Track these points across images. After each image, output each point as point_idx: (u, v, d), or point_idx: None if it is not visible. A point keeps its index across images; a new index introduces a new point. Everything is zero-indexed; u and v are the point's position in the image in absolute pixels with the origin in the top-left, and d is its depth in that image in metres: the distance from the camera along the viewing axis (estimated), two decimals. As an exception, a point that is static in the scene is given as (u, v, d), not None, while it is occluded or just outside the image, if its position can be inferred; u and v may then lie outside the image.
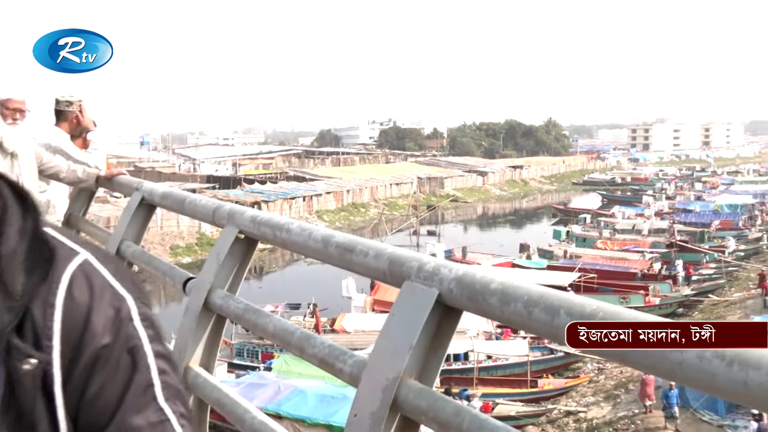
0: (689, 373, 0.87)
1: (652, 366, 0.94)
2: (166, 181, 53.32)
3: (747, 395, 0.80)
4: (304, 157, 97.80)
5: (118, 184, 3.40)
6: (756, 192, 59.53)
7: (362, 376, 1.38)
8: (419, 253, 1.43)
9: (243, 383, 15.68)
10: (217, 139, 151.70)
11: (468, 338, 20.03)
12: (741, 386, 0.81)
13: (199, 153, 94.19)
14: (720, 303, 27.45)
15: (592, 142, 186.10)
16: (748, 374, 0.80)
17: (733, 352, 0.84)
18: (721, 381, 0.83)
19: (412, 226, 48.95)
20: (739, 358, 0.82)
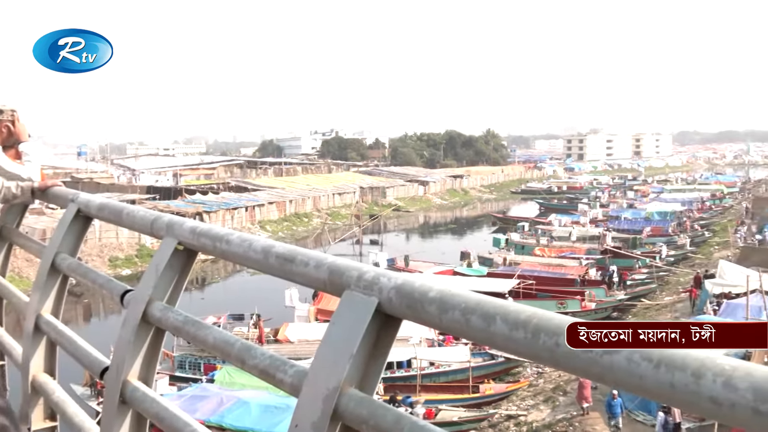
0: (619, 375, 0.89)
1: (584, 369, 0.95)
2: (105, 192, 52.07)
3: (673, 396, 0.83)
4: (246, 167, 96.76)
5: (53, 195, 3.30)
6: (684, 199, 62.03)
7: (303, 386, 1.37)
8: (359, 263, 1.44)
9: (185, 396, 15.37)
10: (158, 149, 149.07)
11: (411, 346, 20.21)
12: (668, 387, 0.83)
13: (139, 163, 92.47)
14: (652, 306, 28.49)
15: (530, 152, 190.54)
16: (674, 376, 0.82)
17: (659, 353, 0.86)
18: (649, 383, 0.85)
19: (355, 235, 49.13)
20: (665, 360, 0.84)
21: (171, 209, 43.88)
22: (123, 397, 2.07)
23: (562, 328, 0.96)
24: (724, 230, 45.58)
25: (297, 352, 18.71)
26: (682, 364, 0.82)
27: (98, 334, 17.88)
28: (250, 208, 56.75)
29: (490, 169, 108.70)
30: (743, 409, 0.75)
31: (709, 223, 52.21)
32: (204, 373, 19.61)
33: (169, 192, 62.92)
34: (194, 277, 38.90)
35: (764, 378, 0.75)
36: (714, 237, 45.74)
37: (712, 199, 67.50)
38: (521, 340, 1.01)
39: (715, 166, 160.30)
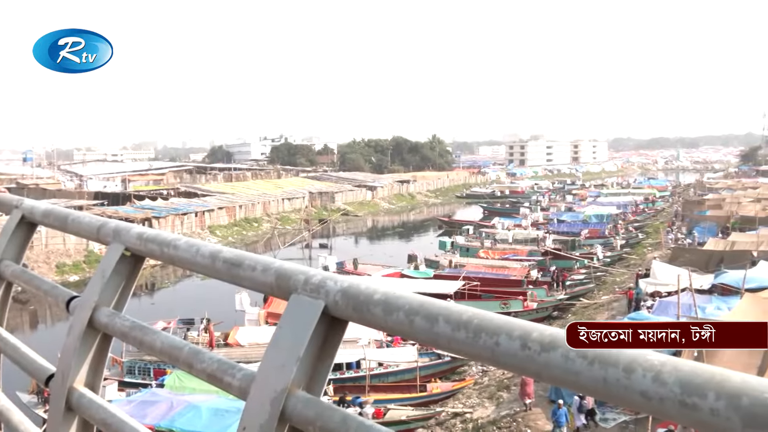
0: (555, 373, 0.91)
1: (522, 367, 0.96)
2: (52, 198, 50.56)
3: (606, 391, 0.85)
4: (195, 173, 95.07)
5: None
6: (619, 203, 63.90)
7: (251, 389, 1.37)
8: (306, 267, 1.44)
9: (134, 401, 15.06)
10: (106, 155, 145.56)
11: (360, 347, 20.35)
12: (601, 383, 0.85)
13: (87, 169, 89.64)
14: (590, 305, 29.30)
15: (474, 157, 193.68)
16: (607, 371, 0.85)
17: (593, 351, 0.88)
18: (584, 379, 0.87)
19: (304, 239, 49.10)
20: (599, 357, 0.86)
21: (119, 215, 43.36)
22: (69, 404, 2.04)
23: (502, 328, 0.99)
24: (657, 232, 47.33)
25: (248, 356, 18.66)
26: (615, 360, 0.85)
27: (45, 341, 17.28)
28: (200, 213, 56.34)
29: (436, 174, 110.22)
30: (671, 403, 0.79)
31: (643, 225, 54.04)
32: (154, 378, 19.29)
33: (118, 198, 61.72)
34: (144, 283, 38.30)
35: (691, 372, 0.79)
36: (647, 238, 47.46)
37: (646, 203, 69.94)
38: (463, 340, 1.03)
39: (647, 171, 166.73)
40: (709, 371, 0.78)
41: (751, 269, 23.68)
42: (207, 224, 56.20)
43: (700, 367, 0.80)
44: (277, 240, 48.55)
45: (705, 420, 0.76)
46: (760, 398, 0.73)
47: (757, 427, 0.72)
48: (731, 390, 0.75)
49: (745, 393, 0.74)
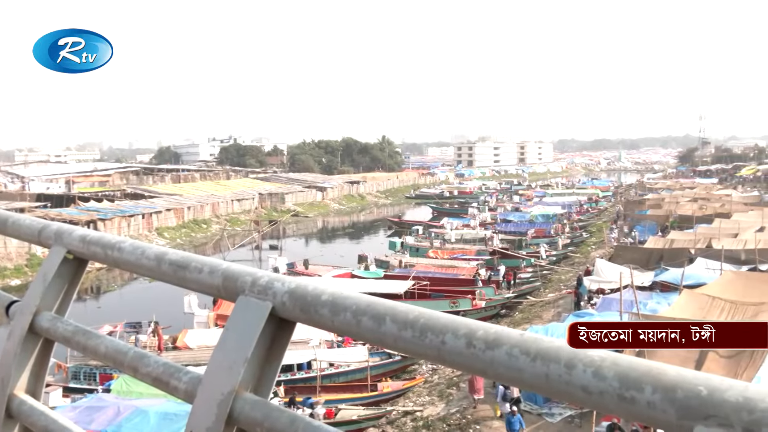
0: (500, 369, 0.92)
1: (467, 365, 0.97)
2: (-8, 200, 48.59)
3: (549, 387, 0.87)
4: (142, 174, 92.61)
5: None
6: (564, 203, 65.33)
7: (197, 392, 1.35)
8: (253, 268, 1.42)
9: (80, 407, 14.57)
10: (48, 156, 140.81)
11: (311, 348, 20.29)
12: (544, 379, 0.87)
13: (29, 171, 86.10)
14: (537, 303, 29.89)
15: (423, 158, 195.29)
16: (549, 367, 0.86)
17: (536, 348, 0.89)
18: (527, 375, 0.89)
19: (254, 240, 48.59)
20: (541, 354, 0.88)
21: (63, 217, 42.23)
22: (9, 412, 1.97)
23: (448, 327, 1.00)
24: (600, 231, 48.63)
25: (197, 359, 18.43)
26: (556, 356, 0.87)
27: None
28: (147, 215, 55.09)
29: (386, 175, 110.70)
30: (610, 396, 0.81)
31: (587, 225, 55.47)
32: (100, 383, 18.78)
33: (62, 200, 59.67)
34: (89, 286, 37.36)
35: (628, 367, 0.81)
36: (591, 237, 48.79)
37: (589, 203, 71.62)
38: (410, 339, 1.04)
39: (591, 171, 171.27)
40: (646, 365, 0.81)
41: (689, 266, 24.60)
42: (154, 226, 55.09)
43: (637, 362, 0.82)
44: (227, 241, 48.12)
45: (642, 413, 0.79)
46: (693, 391, 0.76)
47: (691, 419, 0.75)
48: (667, 383, 0.78)
49: (680, 386, 0.77)
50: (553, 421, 15.94)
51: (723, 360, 13.85)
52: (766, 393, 0.73)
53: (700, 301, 18.03)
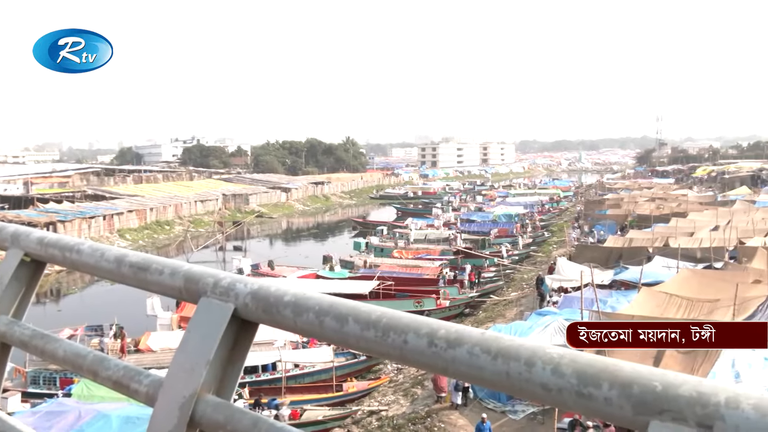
0: (461, 368, 0.92)
1: (429, 364, 0.97)
2: (-53, 202, 47.30)
3: (510, 384, 0.88)
4: (103, 175, 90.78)
5: None
6: (526, 203, 66.25)
7: (159, 395, 1.33)
8: (215, 270, 1.40)
9: (39, 412, 14.23)
10: (6, 156, 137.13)
11: (276, 349, 20.23)
12: (504, 377, 0.87)
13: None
14: (500, 302, 30.25)
15: (387, 159, 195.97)
16: (510, 365, 0.87)
17: (496, 346, 0.90)
18: (488, 373, 0.89)
19: (218, 242, 48.14)
20: (502, 352, 0.88)
21: (21, 219, 41.47)
22: None
23: (410, 326, 1.00)
24: (561, 230, 49.48)
25: (160, 361, 18.26)
26: (516, 354, 0.87)
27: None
28: (109, 216, 54.31)
29: (350, 175, 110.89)
30: (569, 393, 0.82)
31: (549, 224, 56.42)
32: (60, 388, 18.45)
33: (20, 201, 58.61)
34: (49, 289, 36.60)
35: (587, 364, 0.82)
36: (553, 237, 49.63)
37: (551, 203, 72.85)
38: (372, 338, 1.04)
39: (552, 172, 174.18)
40: (603, 362, 0.82)
41: (647, 264, 25.19)
42: (116, 228, 54.43)
43: (594, 359, 0.83)
44: (190, 243, 47.74)
45: (600, 408, 0.80)
46: (649, 386, 0.77)
47: (647, 414, 0.77)
48: (623, 379, 0.79)
49: (636, 382, 0.78)
50: (516, 418, 16.14)
51: (680, 356, 14.22)
52: (718, 388, 0.74)
53: (658, 298, 18.47)
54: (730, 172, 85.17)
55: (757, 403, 0.71)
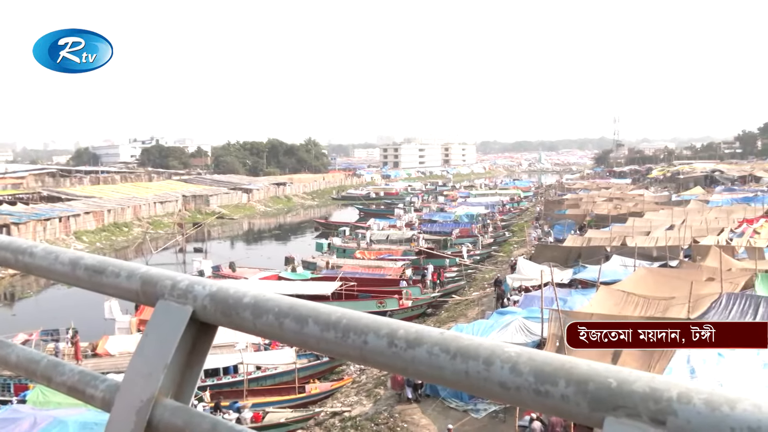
0: (421, 368, 0.92)
1: (389, 364, 0.97)
2: None
3: (469, 383, 0.88)
4: (59, 176, 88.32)
5: None
6: (487, 203, 67.04)
7: (115, 400, 1.30)
8: (173, 272, 1.39)
9: (-7, 420, 13.82)
10: None
11: (237, 351, 20.04)
12: (463, 376, 0.88)
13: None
14: (462, 302, 30.50)
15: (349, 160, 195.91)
16: (468, 364, 0.87)
17: (455, 346, 0.90)
18: (447, 373, 0.89)
19: (178, 243, 47.64)
20: (461, 351, 0.89)
21: None
22: None
23: (370, 327, 1.00)
24: (522, 230, 50.19)
25: (118, 366, 17.89)
26: (475, 353, 0.88)
27: None
28: (65, 218, 53.04)
29: (312, 176, 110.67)
30: (526, 391, 0.82)
31: (509, 224, 57.14)
32: (15, 394, 18.05)
33: (-29, 204, 56.66)
34: (2, 293, 35.84)
35: (543, 362, 0.83)
36: (513, 236, 50.27)
37: (511, 203, 73.76)
38: (332, 340, 1.03)
39: (512, 172, 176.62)
40: (560, 360, 0.83)
41: (605, 263, 25.70)
42: (72, 230, 53.21)
43: (551, 357, 0.85)
44: (149, 245, 47.12)
45: (557, 406, 0.81)
46: (604, 383, 0.79)
47: (602, 410, 0.78)
48: (579, 376, 0.80)
49: (592, 379, 0.80)
50: (478, 416, 16.28)
51: (637, 352, 14.53)
52: (670, 383, 0.76)
53: (616, 296, 18.86)
54: (685, 173, 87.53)
55: (707, 398, 0.73)
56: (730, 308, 16.36)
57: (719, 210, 42.53)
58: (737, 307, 16.34)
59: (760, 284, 18.68)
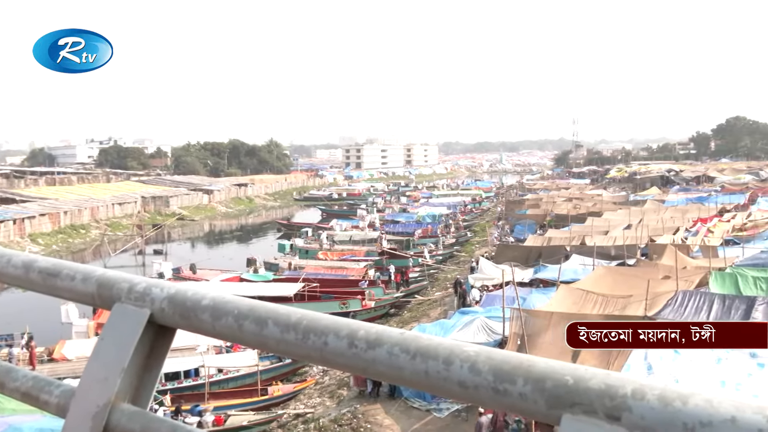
0: (381, 368, 0.93)
1: (350, 365, 0.98)
2: None
3: (429, 383, 0.89)
4: (13, 177, 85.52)
5: None
6: (449, 203, 67.65)
7: (71, 405, 1.28)
8: (131, 275, 1.37)
9: (-56, 429, 13.33)
10: None
11: (198, 354, 19.80)
12: (423, 376, 0.88)
13: None
14: (425, 302, 30.66)
15: (311, 160, 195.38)
16: (428, 364, 0.88)
17: (415, 346, 0.91)
18: (407, 373, 0.90)
19: (137, 245, 46.84)
20: (420, 351, 0.89)
21: None
22: None
23: (330, 328, 1.00)
24: (484, 230, 50.71)
25: (76, 370, 17.57)
26: (435, 353, 0.88)
27: None
28: (19, 220, 51.74)
29: (274, 177, 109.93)
30: (485, 390, 0.83)
31: (471, 224, 57.74)
32: None
33: None
34: None
35: (502, 361, 0.84)
36: (475, 236, 50.78)
37: (473, 203, 74.54)
38: (292, 341, 1.03)
39: (474, 173, 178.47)
40: (518, 359, 0.84)
41: (565, 263, 26.13)
42: (27, 232, 51.93)
43: (510, 355, 0.86)
44: (107, 247, 46.34)
45: (515, 404, 0.82)
46: (561, 381, 0.80)
47: (559, 408, 0.79)
48: (537, 375, 0.81)
49: (549, 377, 0.81)
50: (441, 416, 16.37)
51: (597, 351, 14.82)
52: (625, 380, 0.78)
53: (575, 295, 19.17)
54: (641, 173, 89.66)
55: (660, 394, 0.74)
56: (685, 305, 16.73)
57: (675, 210, 43.60)
58: (692, 305, 16.72)
59: (714, 282, 19.17)
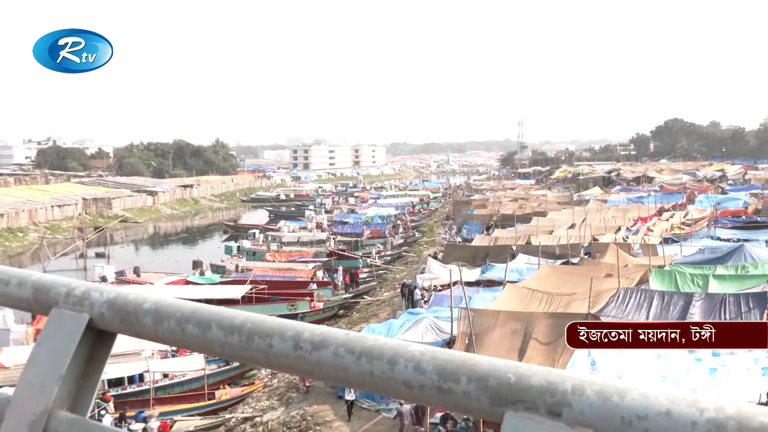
0: (326, 370, 0.93)
1: (295, 367, 0.98)
2: None
3: (374, 383, 0.89)
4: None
5: None
6: (397, 204, 68.05)
7: (5, 414, 1.24)
8: (68, 279, 1.34)
9: None
10: None
11: (143, 359, 19.33)
12: (368, 376, 0.89)
13: None
14: (374, 302, 30.71)
15: (258, 161, 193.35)
16: (373, 364, 0.88)
17: (360, 347, 0.91)
18: (352, 373, 0.90)
19: (78, 249, 45.39)
20: (365, 352, 0.90)
21: None
22: None
23: (275, 330, 1.00)
24: (432, 230, 51.19)
25: (13, 378, 16.84)
26: (380, 353, 0.89)
27: None
28: (-48, 224, 49.22)
29: (220, 178, 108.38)
30: (430, 389, 0.84)
31: (419, 225, 58.17)
32: None
33: None
34: None
35: (446, 360, 0.85)
36: (423, 237, 51.19)
37: (421, 204, 75.08)
38: (236, 344, 1.03)
39: (422, 174, 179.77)
40: (461, 357, 0.86)
41: (511, 262, 26.59)
42: (-40, 236, 49.67)
43: (454, 354, 0.87)
44: (47, 251, 44.79)
45: (459, 402, 0.83)
46: (504, 378, 0.81)
47: (502, 405, 0.81)
48: (480, 373, 0.83)
49: (492, 375, 0.82)
50: (391, 416, 16.40)
51: (542, 347, 15.14)
52: (566, 376, 0.80)
53: (521, 293, 19.52)
54: (584, 174, 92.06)
55: (599, 389, 0.76)
56: (627, 302, 17.23)
57: (616, 209, 44.85)
58: (633, 301, 17.24)
59: (654, 279, 19.82)
